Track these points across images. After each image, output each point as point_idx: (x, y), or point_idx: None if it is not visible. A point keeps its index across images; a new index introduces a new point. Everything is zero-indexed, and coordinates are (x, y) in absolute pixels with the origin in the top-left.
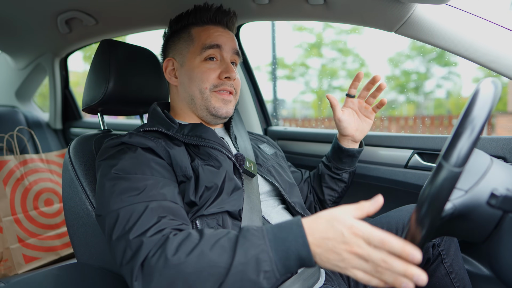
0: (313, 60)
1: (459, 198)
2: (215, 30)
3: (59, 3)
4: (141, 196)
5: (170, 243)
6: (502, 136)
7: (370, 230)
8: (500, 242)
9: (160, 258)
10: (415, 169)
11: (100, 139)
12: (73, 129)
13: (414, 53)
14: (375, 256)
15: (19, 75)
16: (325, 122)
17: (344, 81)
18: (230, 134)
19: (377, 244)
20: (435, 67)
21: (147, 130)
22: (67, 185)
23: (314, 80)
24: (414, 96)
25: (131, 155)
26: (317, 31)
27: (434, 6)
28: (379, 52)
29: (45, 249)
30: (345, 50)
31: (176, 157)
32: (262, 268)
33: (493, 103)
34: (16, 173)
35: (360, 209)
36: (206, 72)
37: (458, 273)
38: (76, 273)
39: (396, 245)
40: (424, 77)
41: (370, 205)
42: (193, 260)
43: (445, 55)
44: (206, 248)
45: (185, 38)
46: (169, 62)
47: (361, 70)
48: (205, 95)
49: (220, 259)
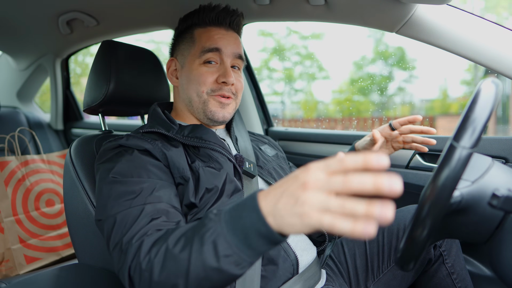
0: (275, 64)
1: (466, 188)
2: (216, 32)
3: (60, 4)
4: (137, 200)
5: (145, 245)
6: (503, 136)
7: (324, 161)
8: (501, 243)
9: (137, 261)
10: (416, 169)
11: (101, 140)
12: (74, 129)
13: (377, 57)
14: (336, 181)
15: (20, 76)
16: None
17: (304, 84)
18: (231, 135)
19: (335, 167)
20: (396, 71)
21: (146, 131)
22: (68, 185)
23: (278, 84)
24: (378, 98)
25: (127, 158)
26: (281, 36)
27: (435, 7)
28: (343, 56)
29: (47, 249)
30: (306, 54)
31: (173, 158)
32: (221, 252)
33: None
34: (18, 174)
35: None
36: (204, 75)
37: (460, 273)
38: (77, 273)
39: (356, 158)
40: (386, 79)
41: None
42: (160, 259)
43: (405, 60)
44: (171, 245)
45: (188, 39)
46: (172, 62)
47: (418, 116)
48: (203, 99)
49: (182, 253)
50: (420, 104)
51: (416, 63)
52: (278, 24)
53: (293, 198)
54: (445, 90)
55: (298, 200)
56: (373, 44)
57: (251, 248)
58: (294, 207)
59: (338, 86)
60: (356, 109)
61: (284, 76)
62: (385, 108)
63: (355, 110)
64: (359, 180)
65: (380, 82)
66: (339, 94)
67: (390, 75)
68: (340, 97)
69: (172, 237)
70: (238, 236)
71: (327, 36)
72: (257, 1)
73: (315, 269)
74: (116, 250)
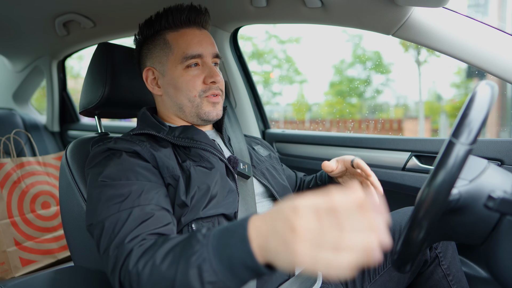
0: (254, 67)
1: (463, 187)
2: (192, 35)
3: (57, 6)
4: (125, 203)
5: (133, 255)
6: (499, 138)
7: (313, 199)
8: (497, 245)
9: (126, 270)
10: (413, 171)
11: (97, 142)
12: (70, 131)
13: (356, 61)
14: (329, 237)
15: (16, 77)
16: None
17: (281, 87)
18: (222, 135)
19: (326, 211)
20: (374, 74)
21: (136, 133)
22: (64, 188)
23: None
24: (356, 100)
25: (116, 161)
26: (261, 40)
27: (432, 9)
28: (322, 59)
29: (42, 252)
30: (285, 58)
31: (162, 158)
32: (206, 279)
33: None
34: (13, 176)
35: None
36: (191, 80)
37: (456, 275)
38: (73, 276)
39: (348, 202)
40: (364, 83)
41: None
42: (147, 273)
43: (382, 64)
44: (158, 260)
45: (161, 46)
46: (149, 71)
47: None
48: (195, 103)
49: (168, 270)
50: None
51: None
52: (257, 27)
53: (283, 242)
54: (434, 92)
55: (288, 246)
56: None
57: (236, 277)
58: (285, 251)
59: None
60: (340, 112)
61: (262, 80)
62: (373, 111)
63: (338, 113)
64: (353, 236)
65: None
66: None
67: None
68: (330, 99)
69: (160, 252)
70: (224, 264)
71: (304, 40)
72: (254, 3)
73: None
74: (106, 254)
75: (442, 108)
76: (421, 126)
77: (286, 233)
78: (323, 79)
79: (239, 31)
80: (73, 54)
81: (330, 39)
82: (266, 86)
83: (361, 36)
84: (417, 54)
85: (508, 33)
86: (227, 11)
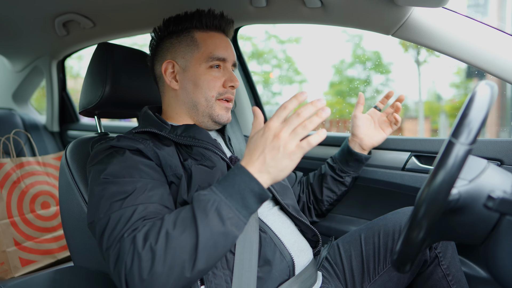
0: (254, 67)
1: (463, 186)
2: (220, 39)
3: (56, 6)
4: (128, 200)
5: (138, 237)
6: (499, 138)
7: (272, 116)
8: (497, 244)
9: (136, 253)
10: (413, 171)
11: (97, 142)
12: (70, 131)
13: (355, 61)
14: (292, 119)
15: (16, 77)
16: None
17: (281, 87)
18: (224, 135)
19: (283, 112)
20: (374, 74)
21: (139, 131)
22: (63, 188)
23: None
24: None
25: (119, 159)
26: (260, 40)
27: (431, 9)
28: (322, 59)
29: (42, 252)
30: (285, 58)
31: (165, 157)
32: (225, 216)
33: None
34: (13, 176)
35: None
36: (213, 80)
37: (455, 275)
38: (73, 276)
39: (289, 100)
40: (363, 83)
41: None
42: (161, 245)
43: (382, 64)
44: (170, 228)
45: (188, 42)
46: (169, 64)
47: (391, 90)
48: (210, 103)
49: (186, 231)
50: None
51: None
52: (257, 27)
53: (275, 148)
54: (434, 92)
55: (280, 147)
56: None
57: (246, 207)
58: (281, 153)
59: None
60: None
61: (262, 80)
62: None
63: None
64: (303, 109)
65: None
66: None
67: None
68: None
69: (166, 223)
70: (236, 199)
71: (304, 40)
72: (254, 3)
73: (311, 271)
74: (109, 250)
75: (441, 108)
76: (421, 126)
77: (273, 142)
78: (323, 79)
79: (239, 31)
80: (73, 54)
81: (330, 39)
82: (265, 86)
83: (361, 36)
84: (417, 54)
85: (507, 33)
86: (227, 11)
